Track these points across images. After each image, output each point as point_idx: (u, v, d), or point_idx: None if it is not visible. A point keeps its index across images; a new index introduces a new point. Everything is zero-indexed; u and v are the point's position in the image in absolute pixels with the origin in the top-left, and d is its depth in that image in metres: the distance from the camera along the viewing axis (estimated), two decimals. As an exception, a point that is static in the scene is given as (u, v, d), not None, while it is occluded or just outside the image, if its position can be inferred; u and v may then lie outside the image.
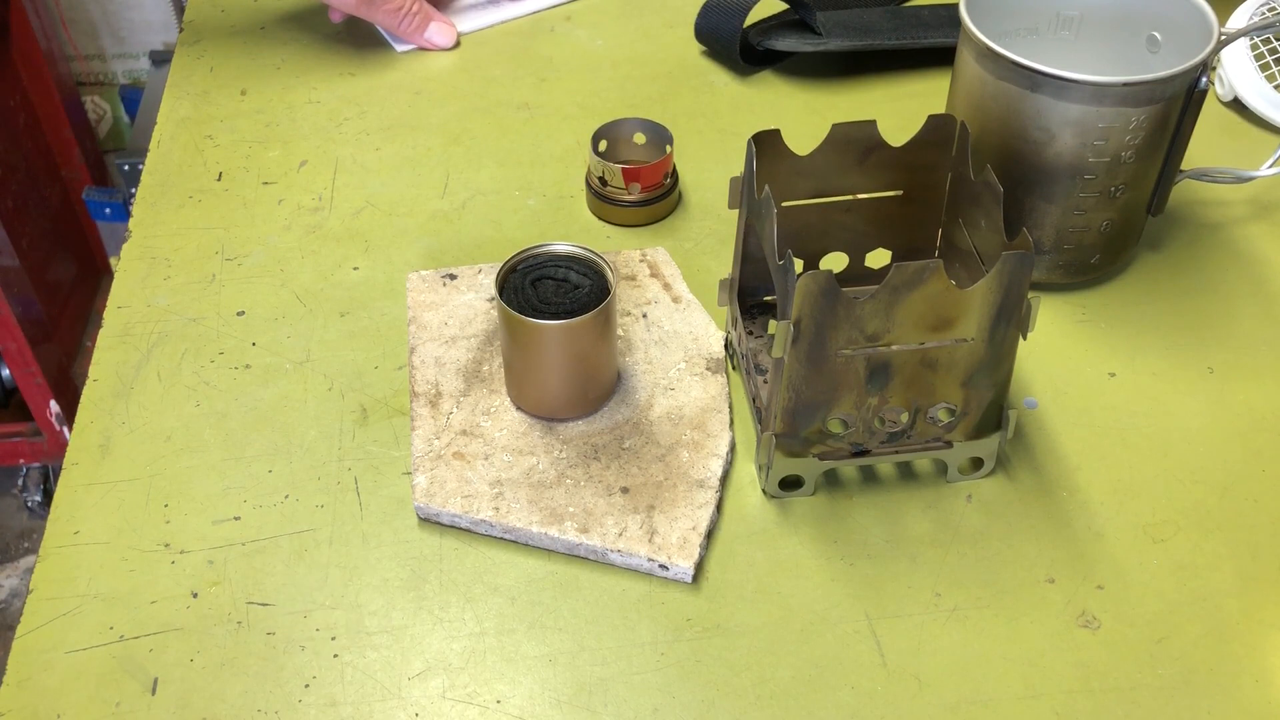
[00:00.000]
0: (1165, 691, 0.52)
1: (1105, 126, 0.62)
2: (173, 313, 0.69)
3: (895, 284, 0.51)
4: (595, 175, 0.74)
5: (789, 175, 0.61)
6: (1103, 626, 0.54)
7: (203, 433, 0.62)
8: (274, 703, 0.52)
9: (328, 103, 0.84)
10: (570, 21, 0.92)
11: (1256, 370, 0.66)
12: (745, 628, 0.54)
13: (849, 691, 0.52)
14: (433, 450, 0.60)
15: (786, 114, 0.83)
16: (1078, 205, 0.65)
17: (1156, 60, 0.68)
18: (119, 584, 0.56)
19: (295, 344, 0.67)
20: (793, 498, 0.59)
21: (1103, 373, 0.65)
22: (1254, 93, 0.81)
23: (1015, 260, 0.52)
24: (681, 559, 0.55)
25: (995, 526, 0.58)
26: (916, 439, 0.58)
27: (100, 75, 1.79)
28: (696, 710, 0.51)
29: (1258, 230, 0.74)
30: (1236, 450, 0.62)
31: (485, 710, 0.52)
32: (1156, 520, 0.59)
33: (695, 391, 0.63)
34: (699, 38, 0.88)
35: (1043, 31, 0.71)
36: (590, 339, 0.59)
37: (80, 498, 0.59)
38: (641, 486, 0.58)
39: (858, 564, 0.57)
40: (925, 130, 0.61)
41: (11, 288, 1.51)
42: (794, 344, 0.53)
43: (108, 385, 0.65)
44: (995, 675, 0.53)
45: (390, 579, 0.56)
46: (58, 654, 0.53)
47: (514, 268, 0.60)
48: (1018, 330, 0.54)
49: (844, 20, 0.85)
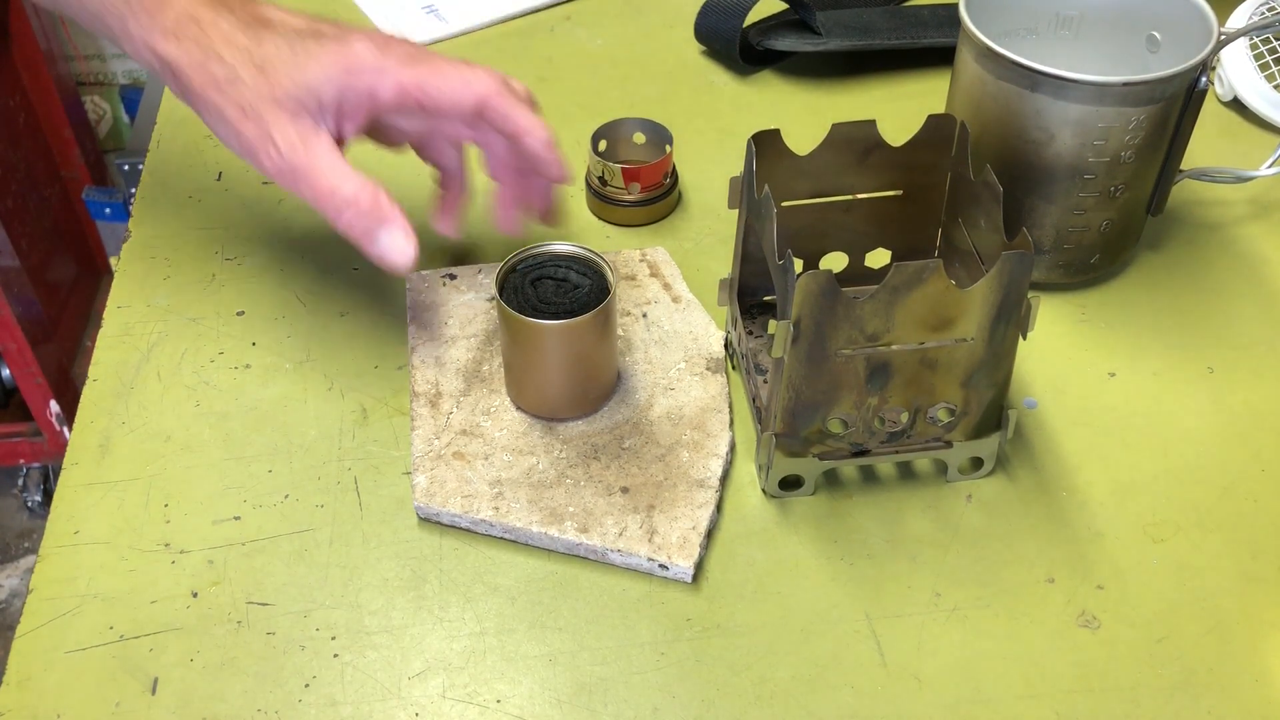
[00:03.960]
0: (1165, 691, 0.52)
1: (1105, 126, 0.62)
2: (173, 313, 0.69)
3: (895, 284, 0.51)
4: (595, 175, 0.74)
5: (789, 175, 0.61)
6: (1103, 626, 0.54)
7: (203, 433, 0.62)
8: (274, 703, 0.52)
9: (328, 103, 0.84)
10: (570, 21, 0.92)
11: (1256, 370, 0.66)
12: (745, 628, 0.54)
13: (849, 691, 0.52)
14: (433, 450, 0.60)
15: (786, 114, 0.83)
16: (1077, 205, 0.65)
17: (1156, 60, 0.68)
18: (119, 584, 0.56)
19: (295, 344, 0.67)
20: (793, 498, 0.59)
21: (1103, 373, 0.66)
22: (1254, 93, 0.81)
23: (1015, 260, 0.52)
24: (681, 559, 0.55)
25: (995, 526, 0.58)
26: (916, 439, 0.58)
27: (100, 75, 1.79)
28: (696, 710, 0.52)
29: (1258, 230, 0.74)
30: (1236, 450, 0.62)
31: (485, 710, 0.52)
32: (1156, 520, 0.59)
33: (695, 391, 0.63)
34: (699, 38, 0.88)
35: (1043, 31, 0.71)
36: (590, 339, 0.59)
37: (80, 498, 0.59)
38: (641, 486, 0.58)
39: (858, 564, 0.57)
40: (925, 130, 0.61)
41: (11, 288, 1.51)
42: (794, 344, 0.53)
43: (108, 385, 0.65)
44: (995, 675, 0.53)
45: (390, 579, 0.56)
46: (58, 654, 0.53)
47: (514, 267, 0.60)
48: (1018, 330, 0.54)
49: (844, 20, 0.85)
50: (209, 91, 0.57)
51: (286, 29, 0.58)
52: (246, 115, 0.57)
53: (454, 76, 0.58)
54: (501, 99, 0.59)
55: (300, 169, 0.57)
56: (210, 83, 0.57)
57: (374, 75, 0.57)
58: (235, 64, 0.56)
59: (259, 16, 0.58)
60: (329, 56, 0.57)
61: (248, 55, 0.57)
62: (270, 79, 0.56)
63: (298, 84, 0.56)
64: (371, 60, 0.57)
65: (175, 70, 0.58)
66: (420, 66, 0.58)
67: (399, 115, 0.61)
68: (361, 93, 0.57)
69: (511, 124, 0.59)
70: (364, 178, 0.57)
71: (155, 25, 0.57)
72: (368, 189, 0.57)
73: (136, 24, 0.58)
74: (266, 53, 0.57)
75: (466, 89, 0.58)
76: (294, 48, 0.57)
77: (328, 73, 0.56)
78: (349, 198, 0.57)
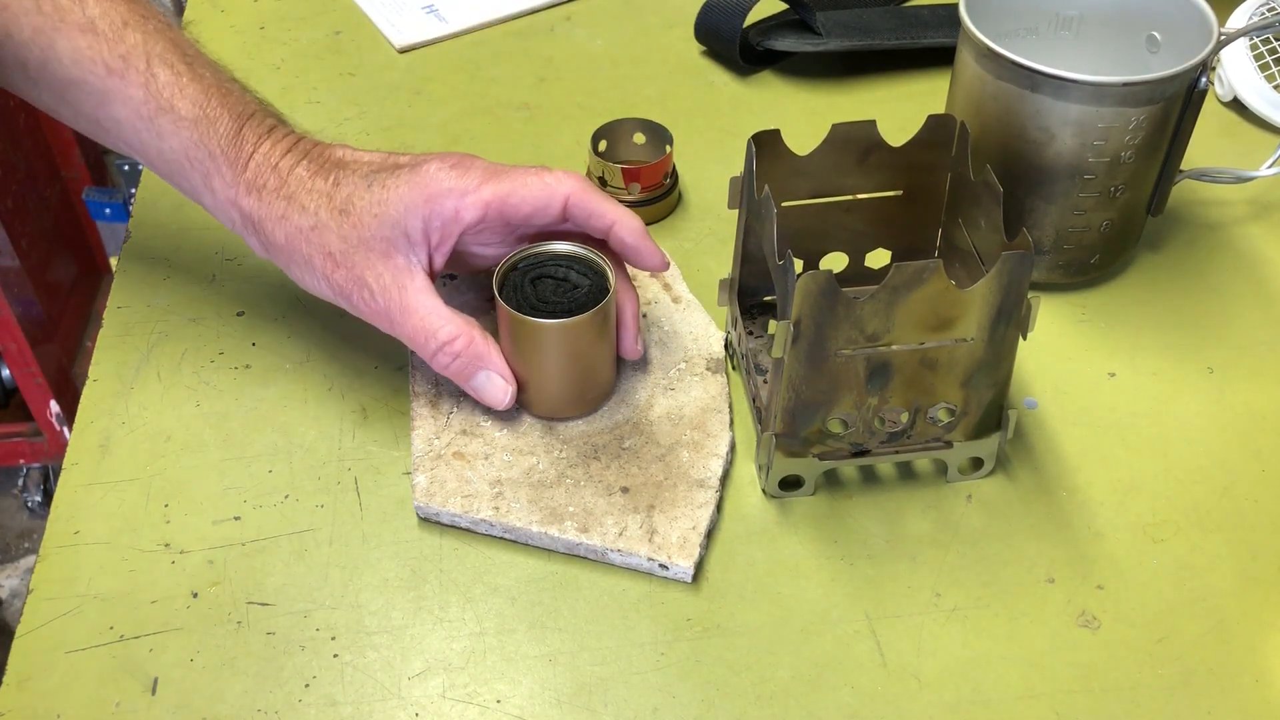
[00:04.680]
0: (1165, 691, 0.52)
1: (1105, 126, 0.62)
2: (173, 313, 0.69)
3: (895, 284, 0.51)
4: (595, 175, 0.74)
5: (789, 175, 0.61)
6: (1103, 626, 0.54)
7: (203, 433, 0.62)
8: (274, 703, 0.52)
9: (328, 103, 0.84)
10: (570, 21, 0.92)
11: (1256, 370, 0.66)
12: (745, 628, 0.54)
13: (849, 691, 0.52)
14: (433, 450, 0.60)
15: (786, 114, 0.83)
16: (1077, 205, 0.65)
17: (1156, 60, 0.68)
18: (119, 584, 0.56)
19: (295, 344, 0.67)
20: (793, 498, 0.59)
21: (1103, 373, 0.66)
22: (1254, 93, 0.81)
23: (1015, 260, 0.52)
24: (681, 559, 0.55)
25: (995, 526, 0.58)
26: (916, 439, 0.58)
27: (100, 75, 1.78)
28: (696, 710, 0.52)
29: (1258, 230, 0.74)
30: (1236, 450, 0.62)
31: (485, 710, 0.52)
32: (1156, 520, 0.59)
33: (695, 391, 0.63)
34: (699, 38, 0.88)
35: (1042, 31, 0.71)
36: (589, 338, 0.59)
37: (80, 498, 0.59)
38: (641, 486, 0.58)
39: (858, 564, 0.57)
40: (925, 130, 0.61)
41: (11, 288, 1.51)
42: (794, 344, 0.53)
43: (108, 385, 0.65)
44: (995, 675, 0.53)
45: (390, 579, 0.56)
46: (58, 654, 0.53)
47: (514, 266, 0.60)
48: (1018, 330, 0.54)
49: (844, 20, 0.85)
50: (295, 243, 0.57)
51: (360, 166, 0.58)
52: (337, 263, 0.57)
53: (536, 184, 0.58)
54: (588, 194, 0.58)
55: (395, 313, 0.57)
56: (296, 233, 0.57)
57: (457, 198, 0.57)
58: (318, 210, 0.56)
59: (334, 159, 0.58)
60: (406, 187, 0.56)
61: (328, 200, 0.57)
62: (354, 220, 0.56)
63: (383, 222, 0.56)
64: (450, 183, 0.57)
65: (258, 224, 0.58)
66: (501, 180, 0.58)
67: (485, 235, 0.60)
68: (447, 218, 0.57)
69: (600, 217, 0.59)
70: (461, 319, 0.58)
71: (239, 180, 0.57)
72: (465, 332, 0.58)
73: (221, 180, 0.58)
74: (345, 194, 0.57)
75: (550, 192, 0.58)
76: (371, 184, 0.57)
77: (409, 204, 0.56)
78: (445, 341, 0.57)
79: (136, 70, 0.58)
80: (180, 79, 0.58)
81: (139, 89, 0.58)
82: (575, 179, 0.59)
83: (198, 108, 0.58)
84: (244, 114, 0.59)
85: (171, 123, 0.58)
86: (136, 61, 0.58)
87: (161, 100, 0.58)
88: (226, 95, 0.59)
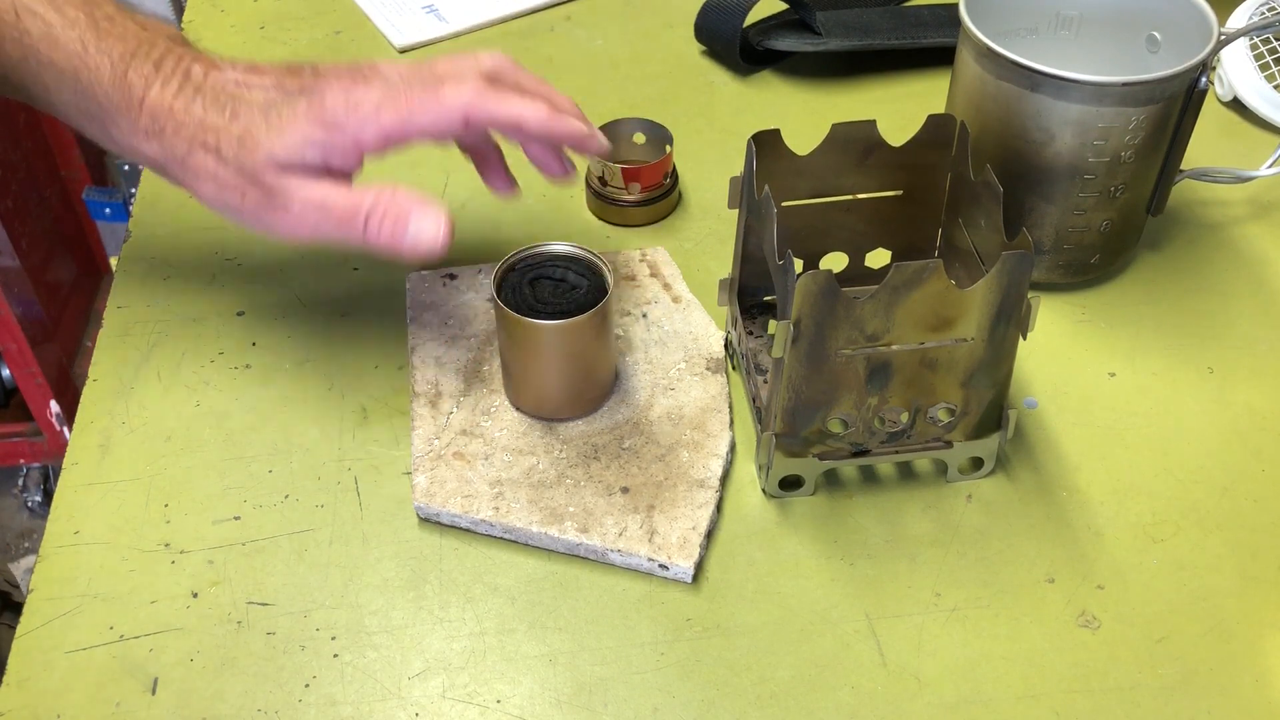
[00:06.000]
0: (1165, 691, 0.52)
1: (1105, 126, 0.62)
2: (173, 313, 0.69)
3: (895, 284, 0.51)
4: (595, 175, 0.74)
5: (789, 175, 0.61)
6: (1103, 626, 0.54)
7: (203, 433, 0.62)
8: (274, 703, 0.52)
9: (328, 103, 0.84)
10: (570, 21, 0.92)
11: (1256, 370, 0.66)
12: (745, 628, 0.54)
13: (849, 691, 0.52)
14: (433, 450, 0.60)
15: (786, 114, 0.83)
16: (1077, 205, 0.65)
17: (1156, 60, 0.68)
18: (119, 584, 0.56)
19: (295, 344, 0.67)
20: (793, 498, 0.59)
21: (1103, 373, 0.66)
22: (1254, 93, 0.81)
23: (1015, 260, 0.52)
24: (681, 559, 0.55)
25: (995, 526, 0.58)
26: (916, 439, 0.58)
27: (100, 75, 1.79)
28: (696, 710, 0.52)
29: (1258, 230, 0.74)
30: (1236, 450, 0.62)
31: (485, 710, 0.52)
32: (1156, 520, 0.59)
33: (695, 391, 0.63)
34: (699, 38, 0.88)
35: (1042, 31, 0.71)
36: (587, 339, 0.59)
37: (80, 498, 0.59)
38: (641, 486, 0.58)
39: (858, 564, 0.57)
40: (925, 130, 0.61)
41: (11, 288, 1.51)
42: (794, 344, 0.53)
43: (108, 385, 0.65)
44: (995, 675, 0.53)
45: (390, 579, 0.56)
46: (58, 654, 0.53)
47: (512, 267, 0.60)
48: (1018, 330, 0.54)
49: (844, 20, 0.85)
50: (201, 181, 0.56)
51: (255, 92, 0.57)
52: (244, 191, 0.56)
53: (432, 103, 0.56)
54: (485, 102, 0.56)
55: (312, 209, 0.56)
56: (201, 169, 0.56)
57: (355, 129, 0.56)
58: (219, 145, 0.56)
59: (228, 91, 0.57)
60: (304, 120, 0.55)
61: (227, 134, 0.56)
62: (251, 151, 0.55)
63: (284, 150, 0.55)
64: (346, 114, 0.56)
65: (164, 167, 0.57)
66: (399, 103, 0.56)
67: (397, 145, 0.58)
68: (347, 149, 0.56)
69: (502, 122, 0.57)
70: (376, 184, 0.56)
71: (137, 129, 0.56)
72: (385, 189, 0.56)
73: (118, 129, 0.57)
74: (243, 126, 0.56)
75: (447, 109, 0.56)
76: (268, 115, 0.56)
77: (307, 136, 0.55)
78: (370, 205, 0.55)
79: (7, 24, 0.56)
80: (51, 30, 0.56)
81: (15, 46, 0.56)
82: (473, 87, 0.56)
83: (76, 58, 0.56)
84: (125, 54, 0.56)
85: (54, 78, 0.56)
86: (5, 14, 0.56)
87: (41, 56, 0.56)
88: (103, 37, 0.56)
